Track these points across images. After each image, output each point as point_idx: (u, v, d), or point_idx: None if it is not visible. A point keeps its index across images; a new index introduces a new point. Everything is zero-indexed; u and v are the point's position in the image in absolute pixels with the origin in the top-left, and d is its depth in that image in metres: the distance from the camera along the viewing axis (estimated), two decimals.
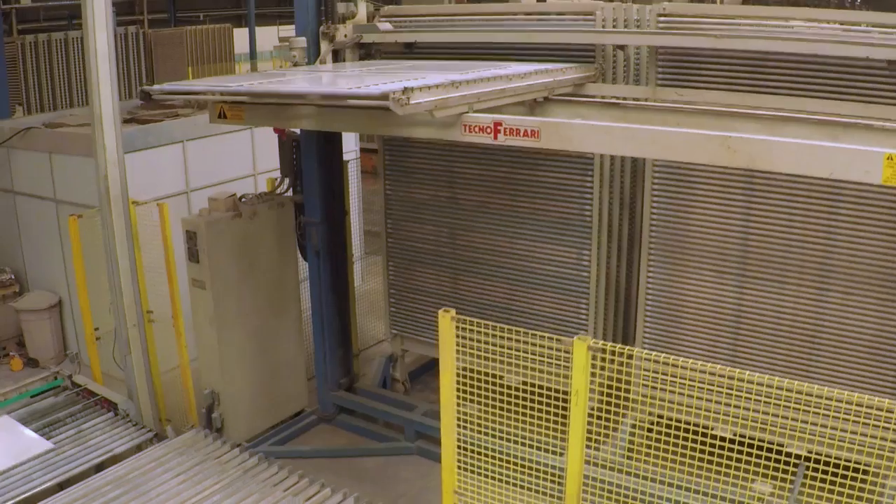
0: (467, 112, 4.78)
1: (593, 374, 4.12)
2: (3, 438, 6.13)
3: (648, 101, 5.78)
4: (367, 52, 7.17)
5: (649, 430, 5.62)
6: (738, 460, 4.34)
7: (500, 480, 4.83)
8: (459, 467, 4.66)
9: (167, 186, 8.79)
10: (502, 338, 4.44)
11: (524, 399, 4.61)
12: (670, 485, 5.39)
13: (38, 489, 5.61)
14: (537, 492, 4.79)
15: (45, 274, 9.83)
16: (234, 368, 7.09)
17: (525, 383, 4.70)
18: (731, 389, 4.50)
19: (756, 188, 5.80)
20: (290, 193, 7.50)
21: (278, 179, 7.58)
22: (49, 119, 10.37)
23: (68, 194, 8.97)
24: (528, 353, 4.46)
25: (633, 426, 6.16)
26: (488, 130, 4.53)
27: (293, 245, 7.51)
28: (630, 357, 4.41)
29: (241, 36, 26.69)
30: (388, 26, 6.98)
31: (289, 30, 33.09)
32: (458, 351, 4.39)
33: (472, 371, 4.57)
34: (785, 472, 4.96)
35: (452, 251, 7.37)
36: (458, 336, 4.36)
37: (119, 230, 6.52)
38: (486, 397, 4.61)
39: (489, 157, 6.92)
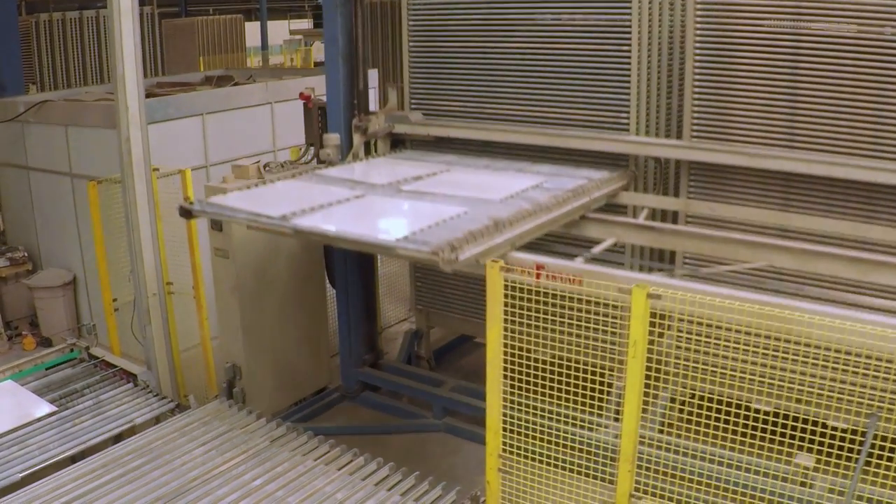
0: (510, 251, 4.62)
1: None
2: (8, 403, 5.88)
3: (680, 225, 5.90)
4: (398, 139, 7.13)
5: (687, 403, 5.27)
6: (776, 433, 4.03)
7: (545, 443, 4.51)
8: (505, 430, 4.35)
9: (186, 160, 8.43)
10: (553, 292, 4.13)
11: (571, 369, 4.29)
12: (711, 460, 5.05)
13: (54, 459, 5.31)
14: (587, 466, 4.47)
15: (58, 252, 9.53)
16: (256, 341, 6.77)
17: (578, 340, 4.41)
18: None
19: None
20: (314, 163, 7.20)
21: (303, 148, 7.28)
22: (63, 96, 10.08)
23: (85, 168, 8.66)
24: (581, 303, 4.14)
25: (672, 398, 5.82)
26: (530, 272, 4.24)
27: None
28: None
29: (251, 29, 26.56)
30: (419, 116, 6.94)
31: (299, 23, 32.93)
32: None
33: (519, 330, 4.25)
34: (830, 446, 4.63)
35: None
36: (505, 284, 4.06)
37: (140, 195, 6.20)
38: (535, 360, 4.30)
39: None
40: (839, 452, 3.81)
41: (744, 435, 4.13)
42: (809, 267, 4.91)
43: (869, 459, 3.79)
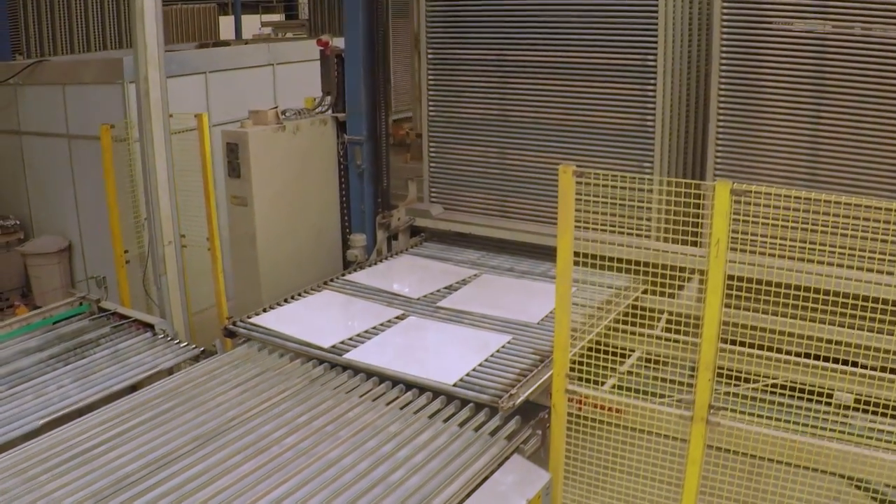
0: None
1: None
2: None
3: None
4: (419, 231, 7.07)
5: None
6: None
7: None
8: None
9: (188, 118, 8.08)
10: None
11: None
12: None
13: (75, 406, 4.88)
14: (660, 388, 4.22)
15: (52, 219, 9.06)
16: (274, 291, 6.39)
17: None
18: None
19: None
20: (329, 113, 6.85)
21: (318, 98, 6.93)
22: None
23: (83, 128, 8.21)
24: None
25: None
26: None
27: (334, 165, 6.84)
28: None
29: (224, 23, 25.98)
30: (439, 209, 6.82)
31: (270, 17, 32.52)
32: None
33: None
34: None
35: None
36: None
37: (158, 138, 5.81)
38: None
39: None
40: None
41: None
42: None
43: None
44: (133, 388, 5.11)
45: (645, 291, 5.16)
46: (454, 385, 4.51)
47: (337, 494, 3.68)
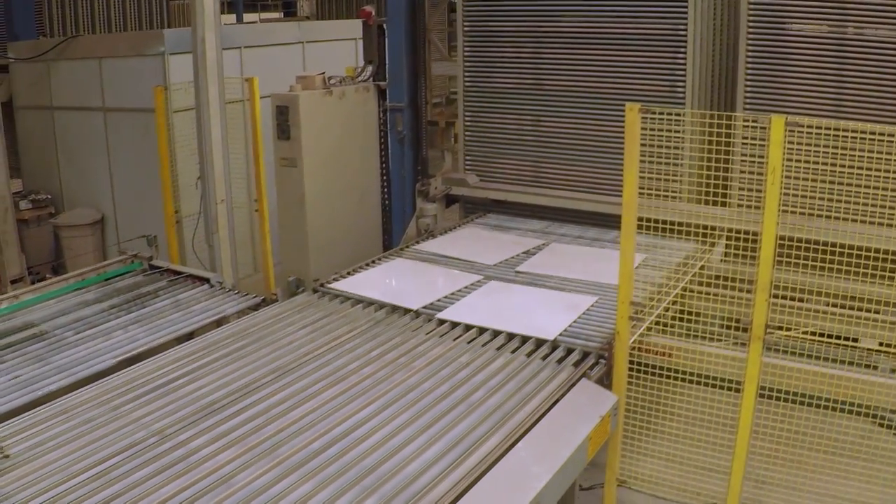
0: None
1: None
2: None
3: None
4: (454, 200, 7.19)
5: None
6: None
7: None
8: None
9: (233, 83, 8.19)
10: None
11: None
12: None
13: (145, 347, 4.98)
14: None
15: (83, 193, 9.14)
16: (320, 254, 6.55)
17: None
18: None
19: None
20: (371, 81, 7.03)
21: (358, 67, 7.10)
22: None
23: (119, 100, 8.32)
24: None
25: None
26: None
27: (375, 132, 7.02)
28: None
29: (225, 20, 25.97)
30: (475, 178, 6.96)
31: (269, 15, 32.61)
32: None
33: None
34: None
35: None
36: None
37: (213, 97, 5.96)
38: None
39: None
40: None
41: None
42: None
43: None
44: (190, 336, 5.23)
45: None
46: (559, 336, 4.55)
47: (422, 413, 3.82)
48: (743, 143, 5.48)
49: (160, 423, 3.85)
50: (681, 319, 4.80)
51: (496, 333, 4.65)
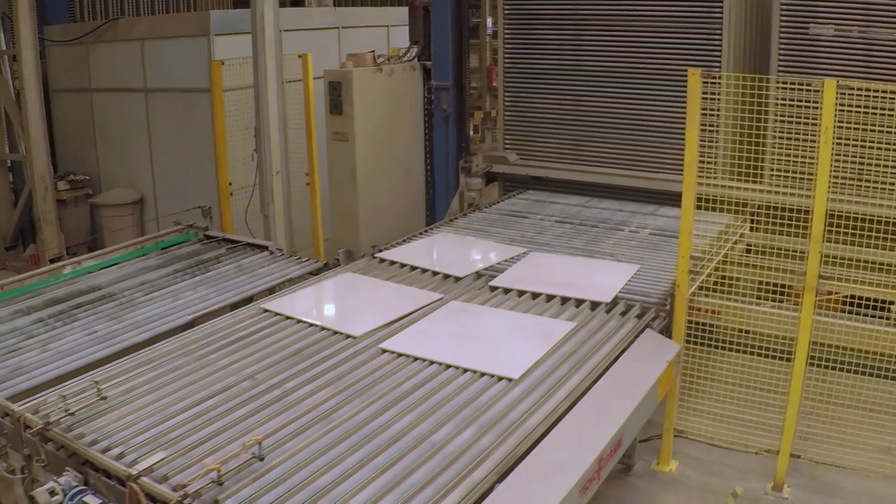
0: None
1: None
2: None
3: None
4: (493, 178, 7.37)
5: None
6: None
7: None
8: None
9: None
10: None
11: None
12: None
13: (219, 305, 5.12)
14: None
15: (121, 174, 9.28)
16: (370, 226, 6.76)
17: None
18: None
19: None
20: (416, 61, 7.24)
21: (403, 48, 7.31)
22: None
23: (162, 81, 8.48)
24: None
25: None
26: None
27: (420, 109, 7.23)
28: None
29: None
30: (514, 156, 7.11)
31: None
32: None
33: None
34: None
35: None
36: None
37: (271, 72, 6.15)
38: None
39: None
40: None
41: None
42: None
43: None
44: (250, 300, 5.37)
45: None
46: (620, 292, 4.77)
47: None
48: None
49: (250, 370, 4.00)
50: (730, 284, 5.02)
51: (550, 297, 4.82)
